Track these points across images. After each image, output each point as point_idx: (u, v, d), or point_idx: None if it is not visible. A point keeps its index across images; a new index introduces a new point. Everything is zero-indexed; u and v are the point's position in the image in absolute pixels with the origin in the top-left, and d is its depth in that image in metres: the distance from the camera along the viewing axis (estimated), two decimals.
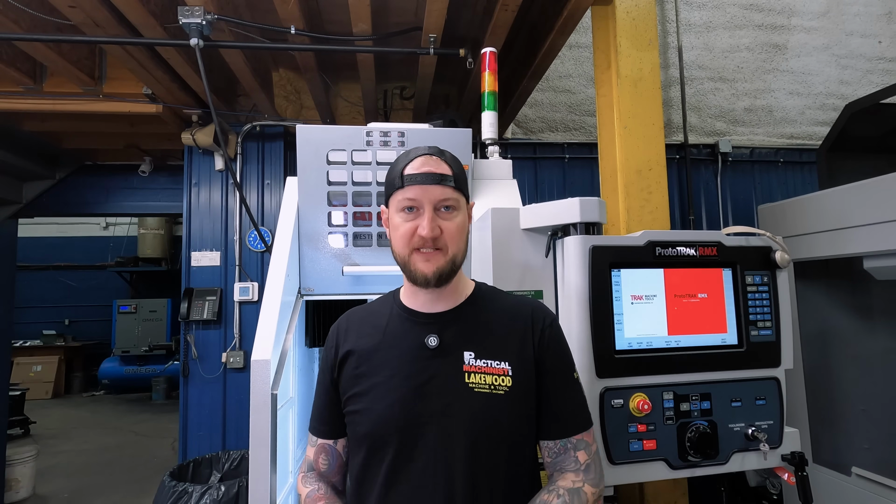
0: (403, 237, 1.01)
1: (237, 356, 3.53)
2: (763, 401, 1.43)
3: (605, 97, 2.48)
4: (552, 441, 1.04)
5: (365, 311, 1.16)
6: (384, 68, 3.41)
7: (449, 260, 1.01)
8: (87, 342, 10.12)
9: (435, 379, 1.00)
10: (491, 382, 1.00)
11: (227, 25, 2.54)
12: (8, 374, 4.66)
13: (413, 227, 1.00)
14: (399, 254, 1.03)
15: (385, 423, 0.99)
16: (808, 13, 4.49)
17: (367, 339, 1.08)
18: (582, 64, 4.20)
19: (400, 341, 1.05)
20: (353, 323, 1.13)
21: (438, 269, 1.00)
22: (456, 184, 1.03)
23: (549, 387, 1.05)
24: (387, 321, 1.09)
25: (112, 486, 5.08)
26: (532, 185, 4.02)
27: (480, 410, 0.98)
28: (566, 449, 1.04)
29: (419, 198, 1.00)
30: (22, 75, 3.01)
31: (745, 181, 4.28)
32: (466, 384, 1.00)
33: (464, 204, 1.06)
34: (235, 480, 2.70)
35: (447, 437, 0.97)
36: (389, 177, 1.06)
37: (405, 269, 1.04)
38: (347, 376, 1.06)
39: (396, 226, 1.03)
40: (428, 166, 1.01)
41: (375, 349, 1.05)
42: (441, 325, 1.05)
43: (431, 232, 0.98)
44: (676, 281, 1.42)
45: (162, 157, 4.30)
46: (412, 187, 1.00)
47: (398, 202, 1.02)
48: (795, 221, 2.35)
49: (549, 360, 1.05)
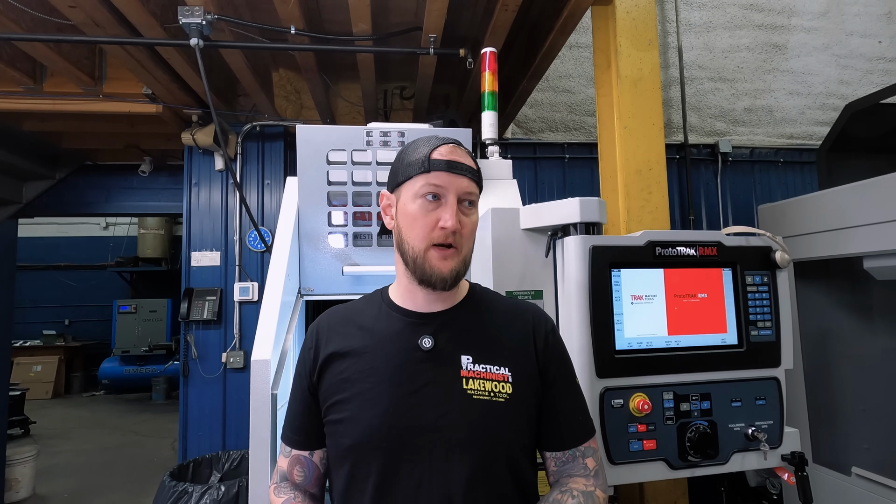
0: (424, 228, 0.91)
1: (237, 356, 3.53)
2: (763, 401, 1.43)
3: (605, 97, 2.48)
4: (560, 451, 0.99)
5: (348, 311, 1.05)
6: (384, 68, 3.41)
7: (461, 260, 0.94)
8: (87, 342, 10.13)
9: (429, 385, 0.91)
10: (491, 389, 0.92)
11: (227, 25, 2.54)
12: (8, 374, 4.66)
13: (435, 218, 0.91)
14: (413, 247, 0.93)
15: (372, 435, 0.89)
16: (808, 13, 4.49)
17: (351, 340, 0.98)
18: (582, 64, 4.20)
19: (390, 343, 0.96)
20: (336, 322, 1.02)
21: (454, 269, 0.92)
22: (478, 181, 0.98)
23: (556, 397, 0.99)
24: (374, 321, 1.00)
25: (112, 486, 5.09)
26: (532, 185, 4.02)
27: (480, 419, 0.90)
28: (574, 457, 0.99)
29: (447, 185, 0.92)
30: (22, 75, 3.01)
31: (745, 181, 4.28)
32: (464, 390, 0.91)
33: (478, 203, 1.00)
34: (235, 480, 2.70)
35: (443, 450, 0.88)
36: (407, 160, 0.96)
37: (416, 266, 0.93)
38: (330, 382, 0.96)
39: (413, 214, 0.93)
40: (456, 155, 0.94)
41: (362, 351, 0.96)
42: (436, 326, 0.96)
43: (455, 224, 0.90)
44: (676, 281, 1.42)
45: (162, 157, 4.30)
46: (440, 173, 0.91)
47: (419, 188, 0.92)
48: (795, 221, 2.35)
49: (554, 368, 1.00)
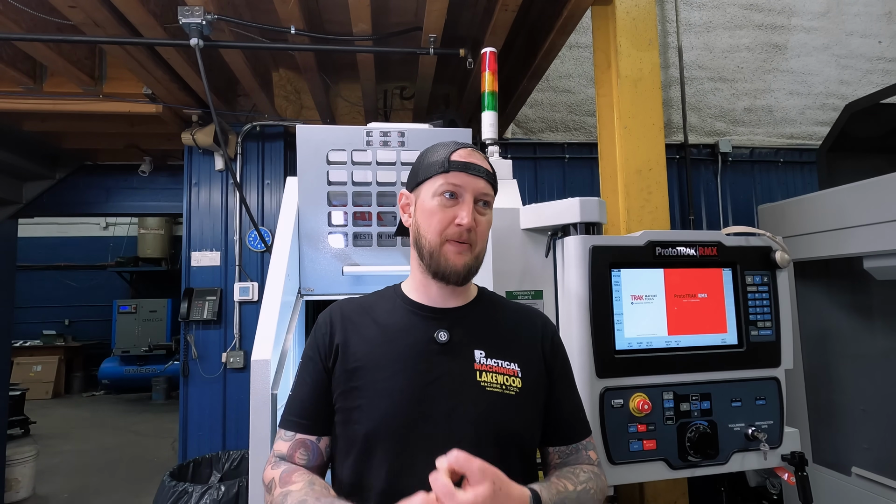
0: (440, 223, 0.98)
1: (237, 356, 3.53)
2: (763, 401, 1.43)
3: (605, 97, 2.47)
4: (564, 446, 1.05)
5: (362, 302, 1.09)
6: (384, 68, 3.41)
7: (475, 256, 1.00)
8: (87, 342, 10.12)
9: (445, 376, 0.96)
10: (503, 382, 0.97)
11: (227, 25, 2.54)
12: (8, 374, 4.66)
13: (451, 215, 0.97)
14: (430, 241, 0.99)
15: (388, 422, 0.92)
16: (808, 13, 4.49)
17: (366, 329, 1.02)
18: (582, 64, 4.20)
19: (406, 335, 1.00)
20: (351, 311, 1.06)
21: (467, 265, 0.98)
22: (494, 183, 1.04)
23: (560, 394, 1.06)
24: (389, 314, 1.04)
25: (112, 486, 5.08)
26: (532, 185, 4.02)
27: (493, 410, 0.95)
28: (577, 450, 1.05)
29: (464, 185, 0.98)
30: (22, 75, 3.01)
31: (745, 181, 4.28)
32: (478, 382, 0.96)
33: (492, 205, 1.07)
34: (235, 480, 2.70)
35: (456, 438, 0.89)
36: (427, 161, 1.03)
37: (432, 259, 0.99)
38: (343, 369, 0.98)
39: (432, 210, 0.99)
40: (474, 158, 1.01)
41: (377, 341, 1.00)
42: (451, 321, 1.01)
43: (470, 222, 0.96)
44: (676, 281, 1.42)
45: (162, 157, 4.30)
46: (458, 174, 0.98)
47: (438, 186, 0.99)
48: (795, 221, 2.35)
49: (558, 368, 1.07)
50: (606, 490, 1.01)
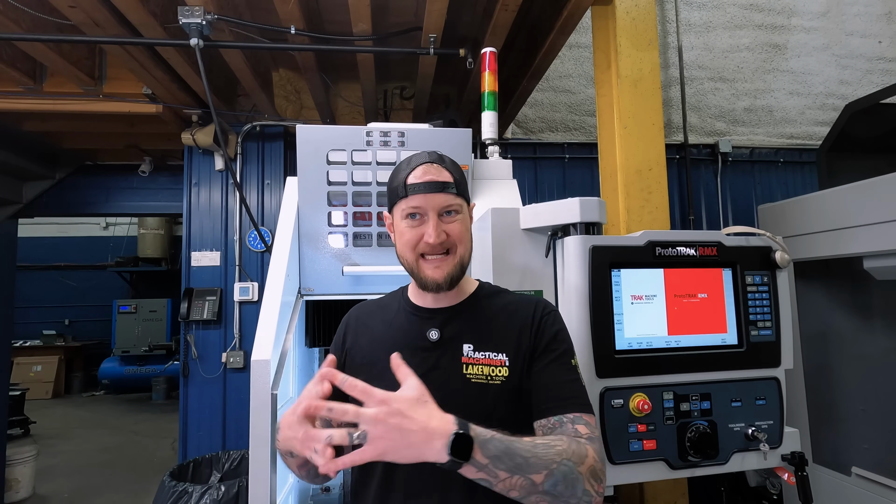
0: (409, 243, 1.05)
1: (237, 356, 3.53)
2: (763, 401, 1.43)
3: (605, 97, 2.48)
4: (545, 418, 0.97)
5: (375, 305, 1.20)
6: (384, 68, 3.41)
7: (457, 263, 1.05)
8: (87, 342, 10.12)
9: (434, 371, 1.02)
10: (488, 373, 1.02)
11: (227, 25, 2.54)
12: (8, 374, 4.66)
13: (419, 234, 1.03)
14: (406, 259, 1.07)
15: None
16: (808, 13, 4.49)
17: (373, 331, 1.13)
18: (582, 64, 4.20)
19: (403, 335, 1.09)
20: (363, 315, 1.18)
21: (449, 275, 1.04)
22: (457, 189, 1.06)
23: (542, 366, 1.02)
24: (394, 316, 1.14)
25: (112, 486, 5.09)
26: (532, 185, 4.02)
27: (475, 400, 0.99)
28: (562, 423, 0.96)
29: (423, 206, 1.03)
30: (22, 75, 3.01)
31: (745, 181, 4.28)
32: (464, 375, 1.02)
33: (465, 207, 1.10)
34: (235, 480, 2.70)
35: None
36: (392, 185, 1.09)
37: (413, 275, 1.08)
38: (351, 368, 1.08)
39: (402, 232, 1.06)
40: (430, 175, 1.04)
41: (380, 342, 1.09)
42: (443, 320, 1.08)
43: (437, 238, 1.02)
44: (676, 281, 1.42)
45: (162, 157, 4.30)
46: (416, 196, 1.03)
47: (402, 210, 1.06)
48: (795, 221, 2.35)
49: (544, 342, 1.04)
50: (596, 462, 0.89)
